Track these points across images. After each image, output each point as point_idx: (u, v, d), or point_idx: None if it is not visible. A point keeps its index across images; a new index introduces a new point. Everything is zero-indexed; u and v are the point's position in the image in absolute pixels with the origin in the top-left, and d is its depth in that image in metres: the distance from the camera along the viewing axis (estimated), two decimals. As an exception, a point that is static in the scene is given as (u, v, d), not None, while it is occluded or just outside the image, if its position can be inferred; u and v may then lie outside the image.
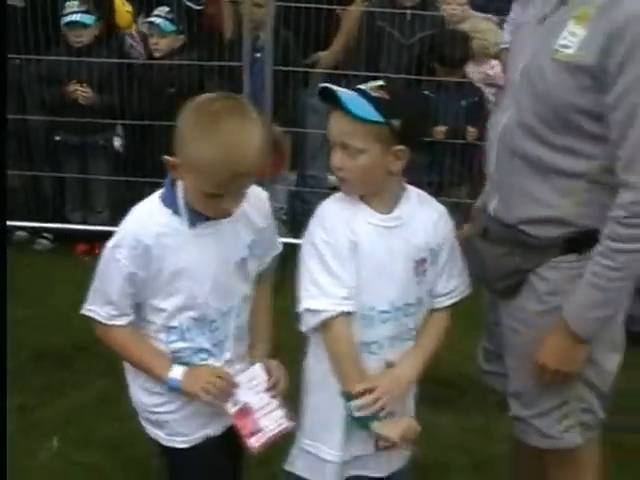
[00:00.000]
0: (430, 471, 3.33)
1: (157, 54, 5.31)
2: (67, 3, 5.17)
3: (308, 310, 2.21)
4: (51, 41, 5.19)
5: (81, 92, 5.17)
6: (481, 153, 3.85)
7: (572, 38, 2.10)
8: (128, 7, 5.71)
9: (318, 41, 5.04)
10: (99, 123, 5.22)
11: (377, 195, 2.24)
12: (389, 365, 2.27)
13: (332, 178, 2.29)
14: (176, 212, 2.15)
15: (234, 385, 2.22)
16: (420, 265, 2.26)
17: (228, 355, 2.27)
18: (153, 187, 2.28)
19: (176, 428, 2.29)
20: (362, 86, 2.17)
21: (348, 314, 2.21)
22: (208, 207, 2.12)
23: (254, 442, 2.23)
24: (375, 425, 2.21)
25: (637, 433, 3.64)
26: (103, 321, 2.21)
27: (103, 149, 5.40)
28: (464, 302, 2.39)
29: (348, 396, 2.21)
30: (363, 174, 2.18)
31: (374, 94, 2.13)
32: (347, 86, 2.23)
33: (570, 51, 2.09)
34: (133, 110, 5.23)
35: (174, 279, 2.17)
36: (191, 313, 2.21)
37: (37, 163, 5.49)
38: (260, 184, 4.84)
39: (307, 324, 2.24)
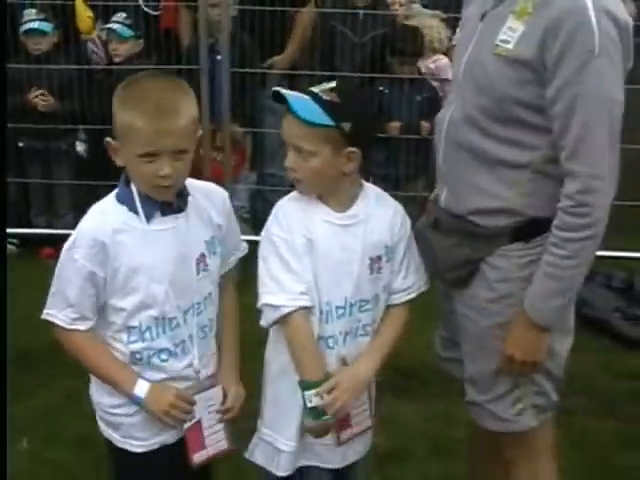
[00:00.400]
0: (391, 458, 3.35)
1: (117, 59, 5.25)
2: (25, 11, 5.12)
3: (268, 305, 2.21)
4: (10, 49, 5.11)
5: (41, 99, 5.13)
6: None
7: (511, 33, 2.12)
8: (90, 13, 5.60)
9: (274, 42, 5.02)
10: (61, 129, 5.18)
11: (333, 194, 2.24)
12: (343, 361, 2.27)
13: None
14: (132, 209, 2.13)
15: (192, 409, 2.22)
16: (375, 262, 2.27)
17: (192, 357, 2.23)
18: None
19: (132, 431, 2.24)
20: (315, 88, 2.16)
21: (306, 308, 2.20)
22: (148, 179, 2.08)
23: (197, 458, 2.25)
24: (327, 418, 2.22)
25: (587, 414, 3.68)
26: (63, 325, 2.16)
27: (66, 154, 5.36)
28: (423, 292, 2.40)
29: (305, 385, 2.21)
30: (315, 175, 2.18)
31: (325, 97, 2.13)
32: (303, 87, 2.22)
33: (509, 46, 2.12)
34: (94, 115, 5.17)
35: (131, 277, 2.13)
36: (151, 312, 2.16)
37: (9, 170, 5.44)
38: (221, 184, 4.82)
39: (267, 319, 2.24)
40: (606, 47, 2.03)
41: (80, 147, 5.41)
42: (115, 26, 5.18)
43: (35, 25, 5.12)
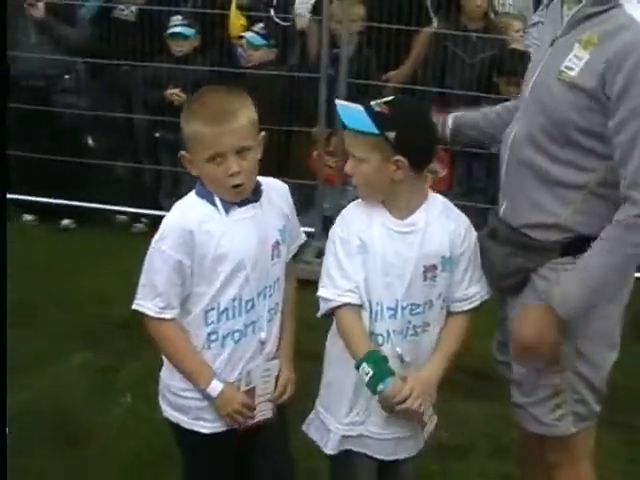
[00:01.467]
0: (454, 453, 3.35)
1: (251, 64, 5.39)
2: (172, 17, 5.33)
3: (321, 297, 2.26)
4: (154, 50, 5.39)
5: (176, 95, 5.31)
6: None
7: (576, 61, 2.10)
8: (242, 20, 5.71)
9: (390, 58, 5.07)
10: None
11: (393, 201, 2.24)
12: (401, 359, 2.26)
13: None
14: (210, 202, 2.17)
15: (254, 415, 2.26)
16: (429, 271, 2.25)
17: (262, 335, 2.26)
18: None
19: (201, 414, 2.26)
20: (373, 102, 2.19)
21: (354, 305, 2.23)
22: (221, 180, 2.13)
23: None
24: (380, 390, 2.19)
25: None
26: (152, 314, 2.17)
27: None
28: (492, 298, 2.39)
29: (359, 364, 2.21)
30: (367, 181, 2.21)
31: (377, 109, 2.15)
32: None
33: (573, 73, 2.11)
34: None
35: (218, 262, 2.16)
36: (230, 293, 2.19)
37: (139, 156, 5.67)
38: (332, 184, 4.80)
39: (321, 310, 2.29)
40: None
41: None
42: (248, 35, 5.33)
43: (179, 30, 5.31)
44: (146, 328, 2.23)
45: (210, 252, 2.16)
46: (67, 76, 5.53)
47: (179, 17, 5.34)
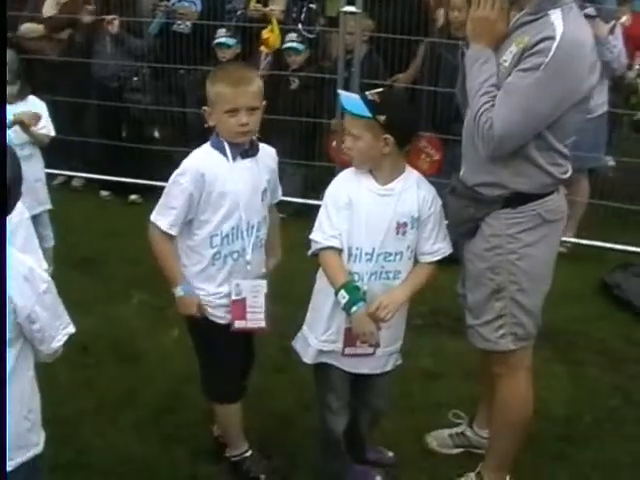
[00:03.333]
0: (431, 377, 3.48)
1: (294, 66, 5.46)
2: (218, 30, 5.48)
3: (312, 240, 2.40)
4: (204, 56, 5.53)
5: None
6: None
7: (509, 55, 2.22)
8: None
9: (394, 63, 5.18)
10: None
11: (379, 170, 2.37)
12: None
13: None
14: (221, 152, 2.39)
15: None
16: (401, 227, 2.38)
17: (250, 258, 2.48)
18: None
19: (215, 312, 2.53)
20: (368, 92, 2.32)
21: (335, 248, 2.35)
22: (232, 128, 2.34)
23: (237, 324, 2.48)
24: (354, 311, 2.32)
25: (596, 367, 3.67)
26: (162, 228, 2.39)
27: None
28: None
29: (338, 290, 2.34)
30: (361, 154, 2.33)
31: (370, 97, 2.28)
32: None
33: (506, 64, 2.23)
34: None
35: (221, 198, 2.40)
36: (230, 222, 2.43)
37: (191, 143, 5.83)
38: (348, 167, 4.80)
39: (311, 249, 2.43)
40: None
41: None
42: (294, 44, 5.42)
43: (223, 40, 5.46)
44: (150, 235, 2.43)
45: (216, 190, 2.38)
46: (135, 78, 5.73)
47: (224, 30, 5.48)
